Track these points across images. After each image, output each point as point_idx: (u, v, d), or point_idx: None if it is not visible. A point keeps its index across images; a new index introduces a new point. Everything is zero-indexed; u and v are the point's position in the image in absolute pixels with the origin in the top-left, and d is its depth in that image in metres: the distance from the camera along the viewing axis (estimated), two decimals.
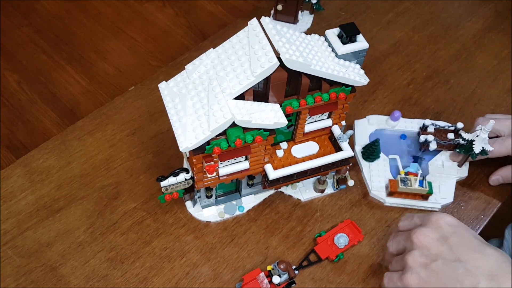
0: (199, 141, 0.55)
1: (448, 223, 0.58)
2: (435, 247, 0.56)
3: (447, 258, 0.55)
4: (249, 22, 0.57)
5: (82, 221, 0.72)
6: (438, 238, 0.57)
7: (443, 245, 0.56)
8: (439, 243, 0.56)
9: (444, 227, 0.57)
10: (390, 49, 0.98)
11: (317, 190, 0.76)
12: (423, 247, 0.57)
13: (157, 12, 1.52)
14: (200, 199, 0.72)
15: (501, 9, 1.06)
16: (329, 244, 0.70)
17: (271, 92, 0.58)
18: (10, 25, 1.51)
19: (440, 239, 0.56)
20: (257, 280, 0.65)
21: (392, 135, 0.80)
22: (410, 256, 0.57)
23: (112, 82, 1.36)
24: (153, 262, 0.69)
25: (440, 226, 0.57)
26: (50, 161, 0.78)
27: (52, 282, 0.67)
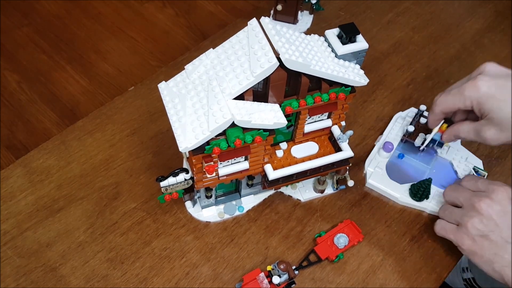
0: (198, 141, 0.55)
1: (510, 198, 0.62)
2: (495, 219, 0.61)
3: (503, 232, 0.60)
4: (248, 22, 0.57)
5: (82, 221, 0.72)
6: (499, 211, 0.61)
7: (503, 218, 0.61)
8: (499, 216, 0.61)
9: (507, 202, 0.61)
10: (390, 49, 0.98)
11: (317, 190, 0.76)
12: (484, 216, 0.61)
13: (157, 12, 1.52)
14: (199, 199, 0.72)
15: (501, 9, 1.06)
16: (329, 244, 0.70)
17: (271, 92, 0.58)
18: (10, 25, 1.51)
19: (501, 212, 0.61)
20: (257, 280, 0.65)
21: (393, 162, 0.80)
22: (470, 220, 0.62)
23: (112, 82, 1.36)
24: (153, 262, 0.69)
25: (504, 199, 0.62)
26: (50, 161, 0.78)
27: (52, 282, 0.67)
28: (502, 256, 0.60)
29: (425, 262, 0.70)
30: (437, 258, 0.70)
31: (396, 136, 0.81)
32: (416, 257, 0.70)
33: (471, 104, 0.64)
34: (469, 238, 0.62)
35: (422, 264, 0.70)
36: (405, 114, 0.85)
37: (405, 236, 0.72)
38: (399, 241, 0.72)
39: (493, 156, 0.82)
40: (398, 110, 0.86)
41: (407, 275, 0.69)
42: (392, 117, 0.85)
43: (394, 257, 0.70)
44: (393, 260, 0.70)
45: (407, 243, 0.72)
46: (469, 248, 0.63)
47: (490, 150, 0.82)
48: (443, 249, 0.71)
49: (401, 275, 0.69)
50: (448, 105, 0.67)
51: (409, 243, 0.72)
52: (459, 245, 0.64)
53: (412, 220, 0.74)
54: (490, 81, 0.62)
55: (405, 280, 0.68)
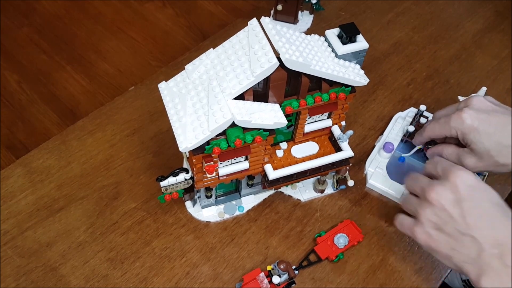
0: (198, 141, 0.55)
1: (466, 184, 0.58)
2: (448, 210, 0.57)
3: (457, 223, 0.57)
4: (249, 22, 0.57)
5: (82, 221, 0.72)
6: (453, 200, 0.58)
7: (456, 208, 0.57)
8: (452, 205, 0.58)
9: (462, 188, 0.58)
10: (390, 49, 0.98)
11: (317, 190, 0.76)
12: (436, 207, 0.58)
13: (157, 12, 1.52)
14: (200, 199, 0.72)
15: (501, 9, 1.06)
16: (329, 244, 0.70)
17: (271, 92, 0.58)
18: (10, 25, 1.51)
19: (454, 202, 0.58)
20: (257, 280, 0.65)
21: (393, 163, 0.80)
22: (423, 212, 0.59)
23: (112, 82, 1.37)
24: (153, 262, 0.69)
25: (458, 186, 0.58)
26: (50, 161, 0.78)
27: (52, 282, 0.67)
28: (459, 251, 0.57)
29: (425, 262, 0.70)
30: (437, 258, 0.70)
31: (396, 136, 0.81)
32: (416, 257, 0.70)
33: (456, 133, 0.67)
34: (424, 232, 0.59)
35: (422, 264, 0.70)
36: (405, 114, 0.85)
37: (405, 236, 0.72)
38: (399, 241, 0.72)
39: None
40: (398, 110, 0.86)
41: (407, 275, 0.69)
42: (392, 117, 0.85)
43: (394, 257, 0.70)
44: (393, 260, 0.70)
45: (407, 243, 0.72)
46: (426, 244, 0.60)
47: None
48: None
49: (401, 275, 0.69)
50: (435, 133, 0.71)
51: (409, 243, 0.72)
52: (415, 238, 0.61)
53: None
54: (474, 115, 0.65)
55: (405, 280, 0.68)
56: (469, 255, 0.56)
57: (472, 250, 0.56)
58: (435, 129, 0.71)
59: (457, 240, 0.57)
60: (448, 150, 0.71)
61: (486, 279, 0.54)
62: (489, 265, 0.55)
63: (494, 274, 0.54)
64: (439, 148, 0.72)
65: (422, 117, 0.79)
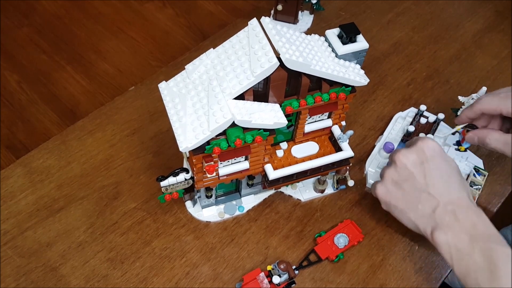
0: (199, 141, 0.55)
1: (430, 148, 0.62)
2: (410, 168, 0.62)
3: (416, 180, 0.61)
4: (249, 22, 0.57)
5: (82, 221, 0.72)
6: (415, 160, 0.62)
7: (417, 168, 0.61)
8: (414, 165, 0.62)
9: (426, 151, 0.62)
10: (390, 49, 0.98)
11: (317, 190, 0.76)
12: (398, 166, 0.63)
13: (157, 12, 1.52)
14: (200, 199, 0.72)
15: (501, 9, 1.06)
16: (329, 244, 0.70)
17: (271, 92, 0.58)
18: (10, 25, 1.51)
19: (416, 162, 0.62)
20: (257, 280, 0.65)
21: None
22: (386, 170, 0.64)
23: (112, 82, 1.37)
24: (153, 262, 0.69)
25: (423, 150, 0.62)
26: (50, 161, 0.78)
27: (52, 282, 0.67)
28: (415, 207, 0.60)
29: (425, 262, 0.70)
30: (437, 258, 0.70)
31: (396, 136, 0.81)
32: (416, 257, 0.70)
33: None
34: (384, 187, 0.63)
35: (422, 264, 0.70)
36: (405, 114, 0.85)
37: (405, 236, 0.72)
38: (399, 241, 0.72)
39: (493, 156, 0.82)
40: (398, 110, 0.86)
41: (407, 275, 0.69)
42: (392, 117, 0.85)
43: (394, 257, 0.70)
44: (393, 260, 0.70)
45: (407, 243, 0.72)
46: (384, 198, 0.63)
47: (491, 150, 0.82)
48: None
49: (401, 275, 0.69)
50: (491, 106, 0.67)
51: (409, 243, 0.72)
52: (376, 195, 0.65)
53: None
54: None
55: (405, 280, 0.68)
56: (424, 211, 0.60)
57: (427, 206, 0.60)
58: (492, 102, 0.66)
59: (414, 196, 0.61)
60: (494, 135, 0.67)
61: (439, 233, 0.58)
62: (443, 220, 0.58)
63: (447, 228, 0.58)
64: (483, 132, 0.69)
65: (422, 117, 0.79)
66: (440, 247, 0.58)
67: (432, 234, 0.59)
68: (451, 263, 0.57)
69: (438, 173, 0.61)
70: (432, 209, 0.59)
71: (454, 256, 0.57)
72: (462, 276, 0.56)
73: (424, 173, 0.61)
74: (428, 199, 0.60)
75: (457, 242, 0.57)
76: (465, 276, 0.56)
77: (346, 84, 0.62)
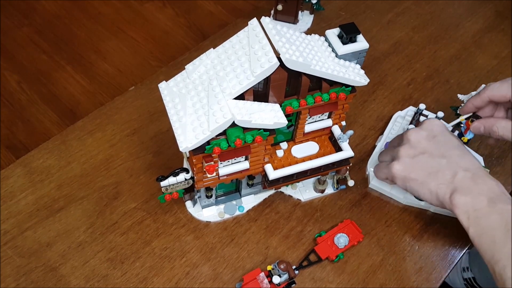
0: (199, 141, 0.55)
1: (438, 125, 0.66)
2: (424, 143, 0.64)
3: (433, 152, 0.63)
4: (249, 22, 0.57)
5: (82, 221, 0.72)
6: (427, 135, 0.65)
7: (431, 141, 0.64)
8: (427, 139, 0.64)
9: (434, 128, 0.66)
10: (390, 49, 0.98)
11: (317, 190, 0.76)
12: (413, 141, 0.65)
13: (157, 12, 1.52)
14: (200, 199, 0.72)
15: (501, 9, 1.06)
16: (329, 244, 0.70)
17: (271, 92, 0.58)
18: (10, 25, 1.51)
19: (429, 137, 0.65)
20: (257, 280, 0.65)
21: None
22: (401, 148, 0.65)
23: (112, 82, 1.37)
24: (153, 262, 0.69)
25: (431, 128, 0.66)
26: (50, 161, 0.78)
27: (52, 282, 0.67)
28: (435, 175, 0.62)
29: (425, 262, 0.70)
30: (437, 258, 0.70)
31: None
32: (416, 257, 0.70)
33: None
34: (401, 164, 0.64)
35: (422, 264, 0.70)
36: (404, 113, 0.85)
37: (405, 236, 0.72)
38: (399, 241, 0.72)
39: (494, 156, 0.82)
40: (398, 110, 0.86)
41: (407, 275, 0.69)
42: (392, 116, 0.85)
43: (394, 257, 0.70)
44: (393, 260, 0.70)
45: (407, 243, 0.72)
46: (402, 174, 0.64)
47: (491, 150, 0.82)
48: (443, 249, 0.71)
49: (401, 275, 0.69)
50: (501, 92, 0.68)
51: (409, 243, 0.72)
52: (394, 175, 0.65)
53: (412, 220, 0.74)
54: None
55: (405, 280, 0.68)
56: (445, 178, 0.61)
57: (447, 172, 0.61)
58: (502, 89, 0.67)
59: (433, 166, 0.62)
60: (501, 123, 0.68)
61: (458, 195, 0.59)
62: (462, 184, 0.60)
63: (466, 190, 0.59)
64: (490, 121, 0.69)
65: (421, 116, 0.79)
66: (458, 208, 0.59)
67: (451, 197, 0.60)
68: (467, 224, 0.58)
69: (451, 144, 0.64)
70: (452, 175, 0.61)
71: (472, 215, 0.58)
72: (477, 235, 0.57)
73: (439, 144, 0.64)
74: (448, 166, 0.62)
75: (475, 203, 0.58)
76: (480, 235, 0.57)
77: (346, 84, 0.62)
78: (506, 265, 0.54)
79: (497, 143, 0.72)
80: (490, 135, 0.70)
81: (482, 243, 0.57)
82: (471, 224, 0.58)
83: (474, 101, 0.71)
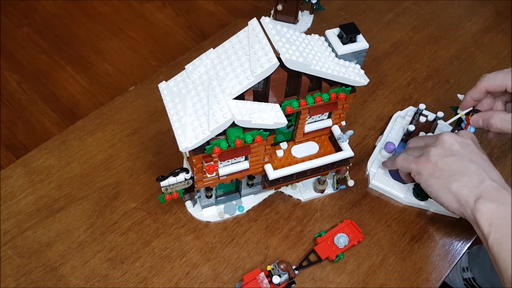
0: (199, 141, 0.55)
1: (472, 138, 0.67)
2: (456, 147, 0.65)
3: (464, 156, 0.64)
4: (249, 22, 0.57)
5: (82, 221, 0.72)
6: (461, 142, 0.65)
7: (464, 147, 0.65)
8: (460, 145, 0.65)
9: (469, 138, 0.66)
10: (390, 49, 0.98)
11: (317, 190, 0.76)
12: (446, 143, 0.65)
13: (157, 12, 1.52)
14: (200, 199, 0.72)
15: (501, 9, 1.06)
16: (329, 244, 0.70)
17: (271, 92, 0.58)
18: (10, 25, 1.51)
19: (462, 143, 0.65)
20: (257, 280, 0.65)
21: None
22: (433, 148, 0.65)
23: (112, 82, 1.37)
24: (153, 262, 0.69)
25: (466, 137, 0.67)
26: (50, 161, 0.78)
27: (52, 282, 0.67)
28: (461, 178, 0.62)
29: (425, 262, 0.70)
30: (437, 258, 0.70)
31: (396, 136, 0.81)
32: (416, 257, 0.70)
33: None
34: (430, 162, 0.65)
35: (422, 264, 0.70)
36: (404, 113, 0.85)
37: (405, 236, 0.72)
38: (399, 241, 0.72)
39: (493, 156, 0.82)
40: (398, 110, 0.86)
41: (407, 275, 0.69)
42: (392, 116, 0.85)
43: (394, 257, 0.70)
44: (393, 260, 0.70)
45: (407, 243, 0.72)
46: (429, 172, 0.64)
47: (491, 150, 0.82)
48: (443, 249, 0.71)
49: (401, 275, 0.69)
50: (496, 82, 0.68)
51: (409, 243, 0.72)
52: (419, 171, 0.65)
53: (412, 220, 0.74)
54: None
55: (405, 280, 0.68)
56: (471, 181, 0.61)
57: (475, 177, 0.62)
58: (497, 78, 0.68)
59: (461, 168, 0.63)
60: (499, 115, 0.68)
61: (484, 201, 0.59)
62: (489, 191, 0.60)
63: (492, 198, 0.60)
64: (488, 113, 0.70)
65: (421, 116, 0.79)
66: (482, 214, 0.59)
67: (476, 201, 0.60)
68: (488, 230, 0.58)
69: (482, 156, 0.65)
70: (479, 181, 0.61)
71: (495, 222, 0.58)
72: (498, 243, 0.57)
73: (471, 152, 0.64)
74: (476, 172, 0.62)
75: (500, 210, 0.59)
76: (501, 243, 0.57)
77: (346, 84, 0.62)
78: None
79: (497, 137, 0.72)
80: (489, 129, 0.70)
81: (502, 250, 0.57)
82: (493, 230, 0.58)
83: (471, 94, 0.72)
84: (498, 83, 0.68)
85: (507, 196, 0.59)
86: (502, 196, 0.60)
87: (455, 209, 0.63)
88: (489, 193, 0.60)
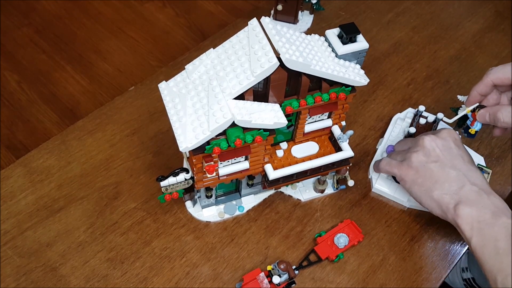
0: (199, 141, 0.55)
1: (455, 138, 0.67)
2: (438, 151, 0.65)
3: (445, 162, 0.64)
4: (249, 22, 0.57)
5: (82, 221, 0.72)
6: (443, 145, 0.65)
7: (445, 151, 0.65)
8: (442, 149, 0.65)
9: (451, 139, 0.66)
10: (390, 49, 0.98)
11: (317, 190, 0.76)
12: (427, 148, 0.65)
13: (157, 12, 1.52)
14: (200, 199, 0.72)
15: (501, 9, 1.06)
16: (329, 244, 0.70)
17: (271, 92, 0.58)
18: (10, 25, 1.51)
19: (444, 146, 0.65)
20: (257, 280, 0.65)
21: None
22: (414, 154, 0.66)
23: (112, 82, 1.36)
24: (153, 262, 0.69)
25: (448, 139, 0.66)
26: (50, 161, 0.78)
27: (52, 282, 0.67)
28: (442, 185, 0.63)
29: (425, 262, 0.70)
30: (437, 258, 0.71)
31: (397, 138, 0.81)
32: (416, 257, 0.70)
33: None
34: (412, 169, 0.65)
35: (422, 264, 0.70)
36: (403, 115, 0.85)
37: (405, 236, 0.72)
38: (399, 241, 0.72)
39: (494, 156, 0.82)
40: (398, 110, 0.86)
41: (407, 275, 0.69)
42: (392, 117, 0.85)
43: (394, 257, 0.70)
44: (393, 260, 0.70)
45: (407, 243, 0.72)
46: (412, 178, 0.65)
47: (491, 150, 0.82)
48: (443, 249, 0.71)
49: (401, 275, 0.69)
50: (503, 75, 0.67)
51: (409, 243, 0.72)
52: (402, 177, 0.66)
53: (412, 220, 0.74)
54: None
55: (405, 280, 0.68)
56: (451, 188, 0.62)
57: (454, 184, 0.62)
58: (504, 71, 0.67)
59: (442, 175, 0.63)
60: (506, 109, 0.67)
61: (463, 206, 0.60)
62: (468, 197, 0.61)
63: (471, 203, 0.61)
64: (495, 108, 0.69)
65: (421, 118, 0.79)
66: (462, 219, 0.60)
67: (456, 207, 0.61)
68: (470, 234, 0.59)
69: (462, 159, 0.65)
70: (459, 187, 0.62)
71: (475, 226, 0.59)
72: (480, 246, 0.58)
73: (452, 156, 0.65)
74: (456, 178, 0.63)
75: (480, 214, 0.59)
76: (483, 246, 0.58)
77: (346, 84, 0.62)
78: (508, 274, 0.54)
79: (503, 134, 0.71)
80: (495, 123, 0.70)
81: (484, 253, 0.58)
82: (474, 234, 0.59)
83: (477, 88, 0.71)
84: (506, 75, 0.67)
85: (486, 200, 0.60)
86: (482, 199, 0.60)
87: (439, 215, 0.64)
88: (469, 198, 0.61)
